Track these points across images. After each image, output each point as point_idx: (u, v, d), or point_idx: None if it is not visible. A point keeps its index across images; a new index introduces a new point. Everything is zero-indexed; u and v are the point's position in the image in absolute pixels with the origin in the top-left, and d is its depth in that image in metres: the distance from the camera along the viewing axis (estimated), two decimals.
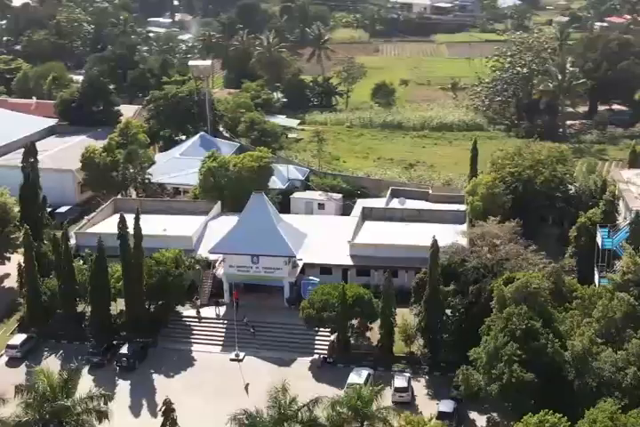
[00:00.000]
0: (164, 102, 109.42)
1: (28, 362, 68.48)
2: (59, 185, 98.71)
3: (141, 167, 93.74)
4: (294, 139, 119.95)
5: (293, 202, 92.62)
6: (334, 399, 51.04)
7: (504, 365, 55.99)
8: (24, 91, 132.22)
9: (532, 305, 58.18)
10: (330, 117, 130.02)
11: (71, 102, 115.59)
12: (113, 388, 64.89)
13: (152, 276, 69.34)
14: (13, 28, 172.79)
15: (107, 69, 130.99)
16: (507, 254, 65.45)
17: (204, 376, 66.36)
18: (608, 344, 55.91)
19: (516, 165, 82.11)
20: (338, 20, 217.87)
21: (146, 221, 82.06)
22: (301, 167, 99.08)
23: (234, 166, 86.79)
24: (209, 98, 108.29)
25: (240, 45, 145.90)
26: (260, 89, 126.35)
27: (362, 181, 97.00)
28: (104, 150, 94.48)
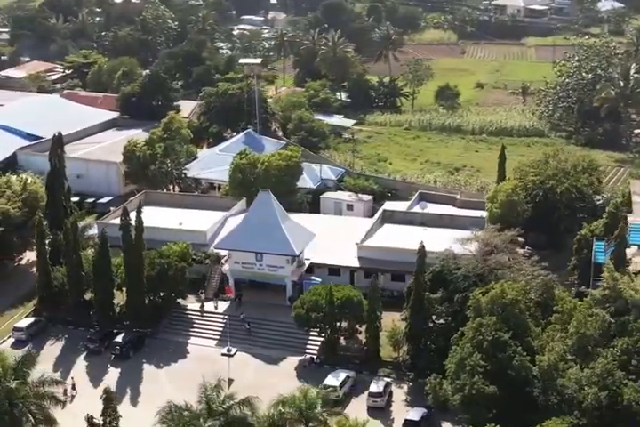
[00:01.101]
0: (216, 99, 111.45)
1: (31, 345, 71.42)
2: (105, 176, 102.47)
3: (178, 162, 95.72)
4: (347, 139, 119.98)
5: (323, 202, 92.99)
6: (279, 399, 51.24)
7: (467, 375, 55.07)
8: (97, 84, 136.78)
9: (507, 316, 57.00)
10: (390, 119, 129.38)
11: (132, 96, 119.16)
12: (102, 375, 67.36)
13: (153, 268, 71.03)
14: (104, 24, 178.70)
15: (174, 65, 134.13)
16: (496, 264, 64.01)
17: (191, 369, 67.37)
18: (577, 361, 54.16)
19: (538, 173, 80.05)
20: (429, 20, 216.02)
21: (169, 215, 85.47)
22: (336, 167, 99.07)
23: (261, 164, 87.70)
24: (258, 96, 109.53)
25: (310, 44, 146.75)
26: (321, 88, 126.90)
27: (393, 183, 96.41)
28: (145, 144, 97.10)
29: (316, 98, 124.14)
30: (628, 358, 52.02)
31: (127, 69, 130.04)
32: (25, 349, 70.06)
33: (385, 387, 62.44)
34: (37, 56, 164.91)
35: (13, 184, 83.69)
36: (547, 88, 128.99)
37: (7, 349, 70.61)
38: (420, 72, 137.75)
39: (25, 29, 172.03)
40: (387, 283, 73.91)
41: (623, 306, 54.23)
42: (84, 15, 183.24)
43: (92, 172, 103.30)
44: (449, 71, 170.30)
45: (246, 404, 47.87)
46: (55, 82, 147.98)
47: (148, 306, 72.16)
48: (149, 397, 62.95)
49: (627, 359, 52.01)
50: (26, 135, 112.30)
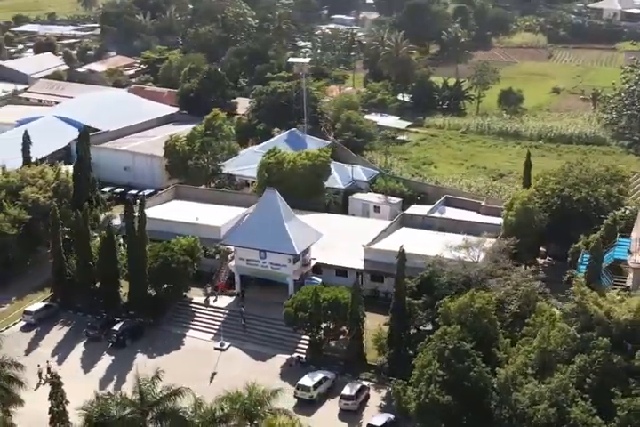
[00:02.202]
0: (265, 97, 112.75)
1: (39, 328, 74.36)
2: (149, 169, 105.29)
3: (214, 158, 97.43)
4: (400, 140, 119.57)
5: (351, 203, 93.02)
6: (224, 394, 51.81)
7: (424, 383, 54.41)
8: (167, 80, 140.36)
9: (474, 326, 55.99)
10: (449, 121, 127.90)
11: (190, 92, 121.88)
12: (96, 361, 69.47)
13: (156, 260, 72.76)
14: (190, 21, 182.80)
15: (239, 63, 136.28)
16: (481, 272, 62.83)
17: (181, 360, 68.85)
18: (537, 376, 52.70)
19: (558, 181, 77.93)
20: (520, 23, 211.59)
21: (193, 209, 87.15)
22: (369, 169, 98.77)
23: (287, 163, 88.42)
24: (307, 95, 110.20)
25: (379, 45, 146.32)
26: (379, 89, 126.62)
27: (423, 187, 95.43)
28: (186, 139, 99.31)
29: (372, 99, 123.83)
30: (585, 376, 50.35)
31: (194, 66, 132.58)
32: (33, 332, 74.76)
33: (359, 390, 62.16)
34: (122, 51, 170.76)
35: (47, 174, 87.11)
36: (613, 95, 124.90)
37: (17, 331, 74.63)
38: (485, 75, 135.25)
39: (112, 25, 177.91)
40: (390, 286, 73.33)
41: (588, 322, 52.46)
42: (171, 12, 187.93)
43: (137, 164, 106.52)
44: (529, 75, 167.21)
45: (179, 395, 48.58)
46: (132, 77, 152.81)
47: (151, 297, 73.89)
48: (130, 385, 64.31)
49: (583, 377, 50.36)
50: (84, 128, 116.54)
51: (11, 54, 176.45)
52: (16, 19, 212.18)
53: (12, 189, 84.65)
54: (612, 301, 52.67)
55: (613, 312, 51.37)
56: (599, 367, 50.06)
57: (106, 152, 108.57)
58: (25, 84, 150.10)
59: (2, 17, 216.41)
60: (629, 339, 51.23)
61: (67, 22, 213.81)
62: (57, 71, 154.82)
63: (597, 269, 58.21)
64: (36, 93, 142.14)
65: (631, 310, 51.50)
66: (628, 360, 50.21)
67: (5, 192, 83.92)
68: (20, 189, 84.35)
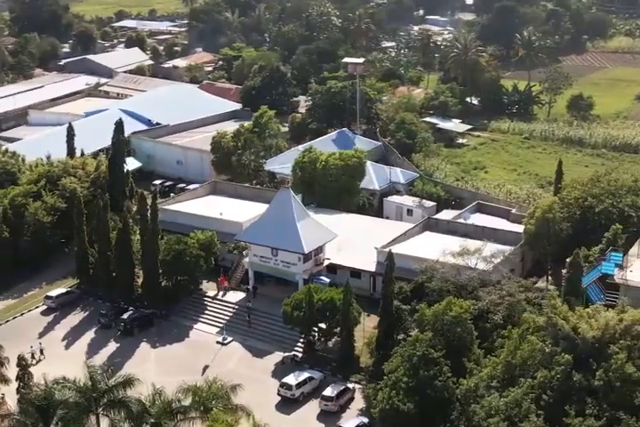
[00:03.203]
0: (321, 96, 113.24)
1: (59, 313, 77.19)
2: (199, 164, 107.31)
3: (257, 154, 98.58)
4: (459, 144, 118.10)
5: (386, 205, 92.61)
6: (183, 386, 52.55)
7: (389, 389, 53.98)
8: (240, 76, 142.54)
9: (447, 334, 55.15)
10: (513, 126, 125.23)
11: (252, 89, 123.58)
12: (101, 347, 71.56)
13: (169, 253, 74.41)
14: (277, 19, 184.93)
15: (308, 62, 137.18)
16: (470, 280, 61.67)
17: (181, 352, 70.37)
18: (500, 389, 51.45)
19: (583, 191, 75.51)
20: (619, 27, 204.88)
21: (223, 204, 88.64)
22: (409, 171, 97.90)
23: (319, 163, 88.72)
24: (360, 95, 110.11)
25: (451, 47, 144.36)
26: (442, 91, 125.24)
27: (460, 191, 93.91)
28: (233, 136, 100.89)
29: (434, 101, 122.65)
30: (543, 392, 48.90)
31: (263, 63, 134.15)
32: (51, 316, 77.63)
33: (341, 392, 61.99)
34: (208, 48, 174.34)
35: (88, 165, 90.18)
36: None
37: (37, 314, 77.68)
38: (557, 80, 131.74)
39: (200, 22, 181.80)
40: None
41: (557, 336, 50.84)
42: (261, 10, 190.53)
43: (189, 159, 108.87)
44: (616, 81, 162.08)
45: (130, 384, 49.72)
46: (209, 73, 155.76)
47: (163, 288, 75.56)
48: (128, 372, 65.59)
49: (541, 393, 48.92)
50: (146, 121, 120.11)
51: (104, 49, 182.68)
52: (117, 14, 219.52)
53: (53, 178, 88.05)
54: (581, 316, 50.87)
55: (580, 328, 49.59)
56: (557, 384, 48.55)
57: (161, 146, 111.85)
58: (109, 77, 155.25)
59: (105, 12, 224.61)
60: (595, 357, 49.36)
61: (165, 19, 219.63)
62: (140, 66, 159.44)
63: (575, 283, 56.17)
64: (115, 87, 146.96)
65: (599, 327, 49.62)
66: (589, 379, 48.44)
67: (45, 181, 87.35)
68: (60, 179, 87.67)
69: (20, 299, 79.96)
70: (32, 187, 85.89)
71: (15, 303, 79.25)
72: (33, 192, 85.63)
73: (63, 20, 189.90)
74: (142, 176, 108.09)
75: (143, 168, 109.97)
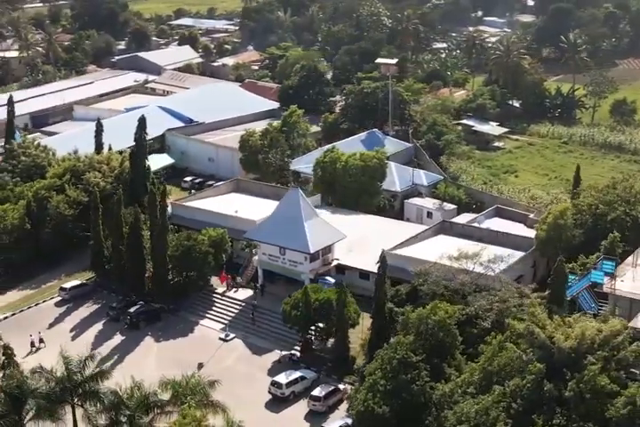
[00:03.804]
0: (354, 96, 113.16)
1: (71, 304, 78.85)
2: (230, 162, 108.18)
3: (282, 153, 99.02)
4: (494, 147, 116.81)
5: (407, 207, 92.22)
6: (161, 380, 53.15)
7: (366, 391, 53.88)
8: (283, 76, 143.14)
9: (429, 338, 54.78)
10: (553, 130, 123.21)
11: (290, 89, 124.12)
12: (107, 340, 72.87)
13: (178, 249, 75.40)
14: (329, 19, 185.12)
15: (350, 61, 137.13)
16: (463, 284, 61.06)
17: (183, 347, 71.18)
18: (476, 395, 50.90)
19: (597, 197, 74.00)
20: None
21: (243, 202, 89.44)
22: (433, 173, 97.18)
23: (339, 164, 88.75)
24: (393, 96, 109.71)
25: (494, 49, 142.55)
26: (481, 94, 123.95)
27: (481, 195, 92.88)
28: (261, 134, 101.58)
29: (472, 103, 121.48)
30: (513, 400, 48.23)
31: (304, 62, 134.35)
32: (64, 307, 79.34)
33: (330, 393, 61.99)
34: (258, 47, 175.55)
35: (113, 160, 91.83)
36: None
37: (51, 305, 79.46)
38: (602, 84, 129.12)
39: (252, 20, 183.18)
40: None
41: (532, 344, 50.07)
42: (314, 10, 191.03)
43: (220, 156, 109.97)
44: None
45: (104, 376, 50.58)
46: (255, 71, 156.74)
47: (172, 283, 76.48)
48: (127, 366, 67.29)
49: (511, 401, 48.26)
50: (184, 119, 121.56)
51: (158, 46, 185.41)
52: (176, 12, 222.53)
53: (79, 172, 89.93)
54: (559, 325, 49.99)
55: (555, 337, 48.74)
56: (527, 393, 47.83)
57: (194, 143, 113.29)
58: (158, 75, 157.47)
59: (167, 10, 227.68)
60: (570, 367, 48.45)
61: (223, 17, 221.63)
62: (189, 64, 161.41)
63: (558, 291, 55.05)
64: (161, 84, 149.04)
65: (576, 337, 48.71)
66: (561, 389, 47.59)
67: (70, 175, 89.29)
68: (85, 174, 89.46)
69: (37, 290, 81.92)
70: (56, 180, 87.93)
71: (32, 294, 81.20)
72: (57, 186, 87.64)
73: (120, 18, 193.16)
74: (176, 172, 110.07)
75: (177, 165, 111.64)
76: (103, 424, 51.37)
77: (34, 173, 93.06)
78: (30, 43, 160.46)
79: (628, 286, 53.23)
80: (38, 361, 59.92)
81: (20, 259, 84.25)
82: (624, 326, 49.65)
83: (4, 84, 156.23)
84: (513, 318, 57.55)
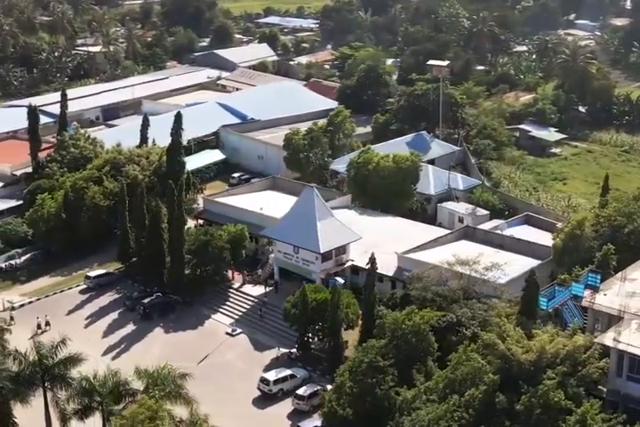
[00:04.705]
0: (406, 98, 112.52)
1: (94, 293, 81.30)
2: (277, 159, 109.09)
3: (323, 153, 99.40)
4: (550, 153, 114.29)
5: (439, 211, 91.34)
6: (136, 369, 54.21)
7: (333, 392, 53.90)
8: (349, 75, 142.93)
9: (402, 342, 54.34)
10: (616, 138, 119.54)
11: (348, 89, 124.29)
12: (119, 328, 74.86)
13: (194, 243, 76.81)
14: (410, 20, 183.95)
15: (414, 62, 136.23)
16: (451, 291, 60.20)
17: (189, 340, 72.62)
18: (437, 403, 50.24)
19: (617, 208, 71.59)
20: None
21: (275, 199, 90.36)
22: (471, 178, 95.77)
23: (371, 165, 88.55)
24: (443, 98, 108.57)
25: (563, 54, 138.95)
26: (542, 98, 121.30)
27: (515, 202, 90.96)
28: (306, 133, 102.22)
29: (532, 108, 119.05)
30: (465, 410, 47.44)
31: (370, 63, 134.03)
32: (87, 295, 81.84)
33: (315, 392, 62.07)
34: (336, 46, 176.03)
35: (152, 154, 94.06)
36: None
37: (76, 293, 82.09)
38: None
39: (331, 20, 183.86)
40: None
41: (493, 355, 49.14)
42: (396, 10, 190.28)
43: (269, 154, 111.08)
44: None
45: (75, 362, 52.10)
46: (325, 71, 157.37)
47: (187, 277, 77.89)
48: (131, 355, 69.18)
49: (463, 411, 47.47)
50: (240, 115, 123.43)
51: (240, 44, 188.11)
52: (265, 11, 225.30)
53: (119, 165, 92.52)
54: (521, 337, 48.82)
55: (512, 349, 47.67)
56: (479, 404, 46.97)
57: (246, 140, 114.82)
58: (232, 71, 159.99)
59: (256, 8, 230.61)
60: (528, 380, 47.30)
61: (310, 16, 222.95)
62: (263, 62, 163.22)
63: (530, 303, 53.42)
64: (231, 81, 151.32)
65: (537, 350, 47.52)
66: (513, 402, 46.54)
67: (110, 167, 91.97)
68: (124, 166, 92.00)
69: (68, 277, 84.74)
70: (94, 172, 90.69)
71: (62, 281, 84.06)
72: (96, 177, 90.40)
73: (206, 16, 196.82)
74: (228, 168, 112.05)
75: (230, 161, 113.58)
76: (74, 409, 53.12)
77: (80, 165, 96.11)
78: (111, 38, 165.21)
79: (607, 301, 51.46)
80: None
81: (56, 247, 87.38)
82: (588, 342, 48.13)
83: (86, 78, 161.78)
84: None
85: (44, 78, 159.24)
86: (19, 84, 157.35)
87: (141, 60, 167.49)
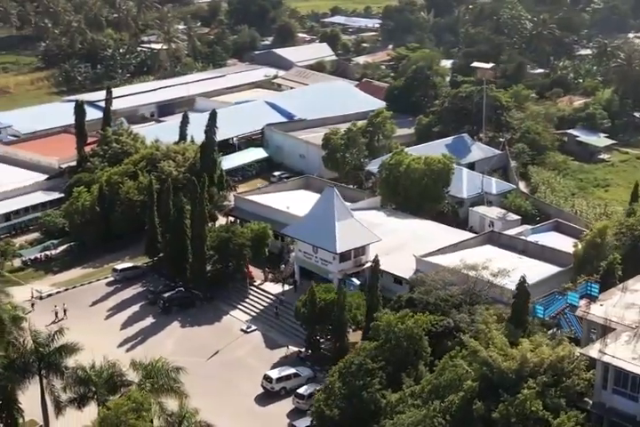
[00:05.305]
0: (450, 100, 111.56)
1: (120, 285, 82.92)
2: (318, 159, 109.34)
3: (359, 154, 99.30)
4: (598, 160, 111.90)
5: (471, 214, 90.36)
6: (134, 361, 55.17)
7: (322, 393, 53.98)
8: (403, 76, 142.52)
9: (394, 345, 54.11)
10: None
11: (395, 90, 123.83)
12: (138, 321, 76.25)
13: (215, 240, 77.71)
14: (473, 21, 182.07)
15: (465, 64, 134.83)
16: (451, 296, 59.60)
17: (204, 335, 73.53)
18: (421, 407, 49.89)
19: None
20: None
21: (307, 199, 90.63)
22: (505, 182, 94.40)
23: (402, 166, 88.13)
24: (487, 101, 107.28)
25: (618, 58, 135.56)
26: (593, 103, 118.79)
27: (547, 207, 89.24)
28: (344, 133, 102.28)
29: (581, 112, 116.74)
30: (443, 416, 47.01)
31: (422, 63, 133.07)
32: (113, 287, 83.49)
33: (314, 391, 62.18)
34: (396, 46, 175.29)
35: (188, 151, 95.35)
36: None
37: (103, 284, 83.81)
38: None
39: (392, 20, 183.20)
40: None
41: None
42: (460, 11, 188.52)
43: (310, 153, 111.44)
44: None
45: (67, 350, 53.31)
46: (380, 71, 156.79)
47: (210, 273, 78.81)
48: (146, 348, 70.14)
49: (440, 417, 47.06)
50: (287, 114, 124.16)
51: (302, 43, 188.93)
52: (332, 10, 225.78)
53: (155, 161, 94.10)
54: (505, 344, 48.08)
55: (492, 356, 47.01)
56: (456, 410, 46.49)
57: (289, 139, 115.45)
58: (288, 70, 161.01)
59: (323, 8, 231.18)
60: (510, 388, 46.59)
61: (376, 16, 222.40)
62: (321, 61, 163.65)
63: (519, 311, 52.31)
64: (286, 80, 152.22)
65: (519, 359, 46.76)
66: (491, 410, 45.90)
67: (146, 163, 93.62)
68: (160, 162, 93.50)
69: (99, 269, 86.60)
70: (130, 167, 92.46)
71: (92, 272, 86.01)
72: (131, 172, 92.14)
73: (270, 14, 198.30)
74: (271, 166, 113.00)
75: (274, 159, 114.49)
76: (70, 398, 54.43)
77: (120, 160, 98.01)
78: (172, 36, 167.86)
79: (602, 311, 50.20)
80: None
81: (90, 239, 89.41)
82: (571, 353, 47.16)
83: (146, 75, 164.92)
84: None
85: (107, 74, 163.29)
86: (83, 79, 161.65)
87: (202, 57, 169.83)
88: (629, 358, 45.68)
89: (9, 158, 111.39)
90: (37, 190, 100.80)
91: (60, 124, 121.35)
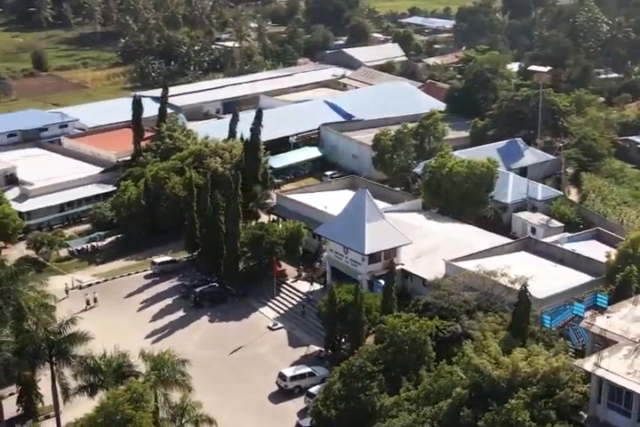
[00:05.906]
0: (506, 104, 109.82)
1: (158, 278, 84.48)
2: (369, 158, 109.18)
3: (407, 155, 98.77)
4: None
5: (514, 220, 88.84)
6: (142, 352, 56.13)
7: (322, 393, 54.08)
8: None
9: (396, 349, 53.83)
10: None
11: (455, 91, 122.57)
12: (168, 314, 77.69)
13: (248, 237, 78.52)
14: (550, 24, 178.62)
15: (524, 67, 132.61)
16: (465, 302, 58.84)
17: (230, 330, 74.48)
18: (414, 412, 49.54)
19: None
20: None
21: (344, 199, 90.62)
22: (550, 188, 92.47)
23: (444, 169, 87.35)
24: (543, 106, 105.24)
25: None
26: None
27: (591, 215, 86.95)
28: (394, 134, 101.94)
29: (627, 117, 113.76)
30: (431, 423, 46.57)
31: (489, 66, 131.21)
32: (150, 280, 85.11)
33: None
34: (469, 48, 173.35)
35: (235, 148, 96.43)
36: None
37: (141, 277, 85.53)
38: None
39: (465, 21, 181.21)
40: None
41: None
42: (537, 13, 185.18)
43: (362, 153, 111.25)
44: None
45: (76, 339, 54.66)
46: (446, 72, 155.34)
47: (244, 269, 79.72)
48: (172, 341, 71.15)
49: (429, 423, 46.63)
50: (344, 114, 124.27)
51: (376, 43, 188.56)
52: (410, 10, 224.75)
53: (202, 157, 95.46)
54: (498, 352, 47.29)
55: (483, 364, 46.32)
56: (443, 417, 46.01)
57: (343, 139, 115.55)
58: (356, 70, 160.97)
59: (401, 8, 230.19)
60: (499, 397, 45.85)
61: (454, 17, 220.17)
62: (390, 61, 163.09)
63: (519, 321, 50.99)
64: (352, 80, 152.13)
65: (510, 368, 45.99)
66: (478, 418, 45.26)
67: (194, 159, 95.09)
68: (207, 159, 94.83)
69: (141, 261, 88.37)
70: (177, 162, 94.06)
71: (134, 264, 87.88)
72: (178, 167, 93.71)
73: (345, 14, 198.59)
74: (325, 166, 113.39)
75: (328, 159, 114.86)
76: (80, 386, 55.85)
77: (172, 155, 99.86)
78: (244, 34, 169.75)
79: (607, 324, 48.80)
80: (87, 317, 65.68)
81: (135, 232, 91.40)
82: (565, 364, 46.07)
83: (216, 72, 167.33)
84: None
85: (181, 71, 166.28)
86: (156, 75, 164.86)
87: (273, 56, 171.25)
88: (624, 372, 44.38)
89: (73, 151, 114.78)
90: (92, 183, 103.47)
91: (124, 119, 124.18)
